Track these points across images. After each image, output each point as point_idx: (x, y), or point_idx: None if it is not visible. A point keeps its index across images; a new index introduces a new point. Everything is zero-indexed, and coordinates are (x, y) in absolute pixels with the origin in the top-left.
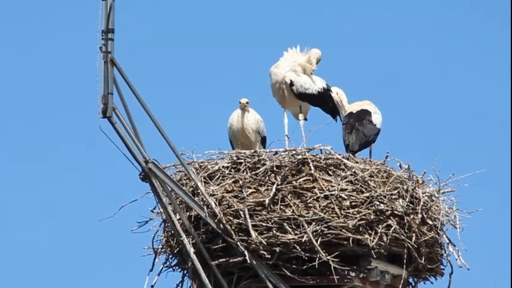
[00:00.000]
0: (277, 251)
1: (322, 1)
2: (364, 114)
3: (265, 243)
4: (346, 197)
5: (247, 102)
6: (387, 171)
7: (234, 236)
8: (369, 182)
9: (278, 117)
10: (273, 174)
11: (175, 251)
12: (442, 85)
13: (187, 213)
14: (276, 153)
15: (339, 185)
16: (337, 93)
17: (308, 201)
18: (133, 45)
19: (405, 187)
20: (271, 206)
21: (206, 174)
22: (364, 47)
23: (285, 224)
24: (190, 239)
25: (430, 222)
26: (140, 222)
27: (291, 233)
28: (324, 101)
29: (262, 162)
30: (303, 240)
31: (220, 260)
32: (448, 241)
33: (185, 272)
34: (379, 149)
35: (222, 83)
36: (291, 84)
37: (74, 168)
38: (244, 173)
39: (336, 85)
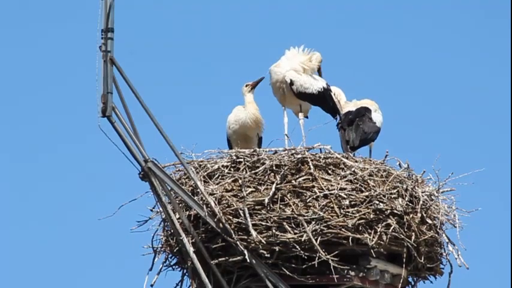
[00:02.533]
0: (277, 250)
1: (323, 1)
2: (364, 110)
3: (264, 243)
4: (345, 196)
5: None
6: (387, 170)
7: (233, 235)
8: (369, 181)
9: (278, 116)
10: (273, 174)
11: (174, 250)
12: (442, 84)
13: (187, 213)
14: (276, 152)
15: (339, 184)
16: (334, 94)
17: (307, 201)
18: (133, 44)
19: (405, 186)
20: (271, 205)
21: (206, 173)
22: (364, 47)
23: (285, 223)
24: (189, 238)
25: (429, 221)
26: (140, 221)
27: (290, 232)
28: (323, 100)
29: (262, 161)
30: (303, 240)
31: (220, 259)
32: (447, 240)
33: (185, 271)
34: (379, 148)
35: (221, 82)
36: (291, 83)
37: (73, 167)
38: (244, 172)
39: (335, 85)
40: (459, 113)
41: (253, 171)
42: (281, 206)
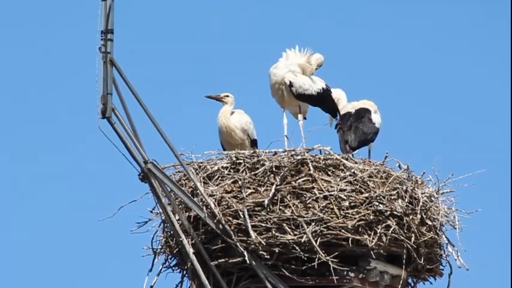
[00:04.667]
0: (277, 251)
1: (323, 1)
2: (364, 112)
3: (264, 244)
4: (345, 198)
5: (225, 96)
6: (386, 171)
7: (233, 237)
8: (368, 182)
9: (277, 117)
10: (272, 175)
11: (174, 252)
12: (441, 85)
13: (187, 214)
14: (275, 153)
15: (338, 185)
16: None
17: (307, 202)
18: (133, 45)
19: (404, 187)
20: (271, 206)
21: (205, 174)
22: (364, 47)
23: (284, 225)
24: (189, 239)
25: (429, 222)
26: (139, 222)
27: (290, 234)
28: (323, 101)
29: (262, 162)
30: (302, 241)
31: (220, 261)
32: (447, 241)
33: (184, 272)
34: (379, 149)
35: (221, 83)
36: (290, 85)
37: (73, 168)
38: (244, 174)
39: (335, 85)
40: (459, 114)
41: (253, 173)
42: (281, 207)
